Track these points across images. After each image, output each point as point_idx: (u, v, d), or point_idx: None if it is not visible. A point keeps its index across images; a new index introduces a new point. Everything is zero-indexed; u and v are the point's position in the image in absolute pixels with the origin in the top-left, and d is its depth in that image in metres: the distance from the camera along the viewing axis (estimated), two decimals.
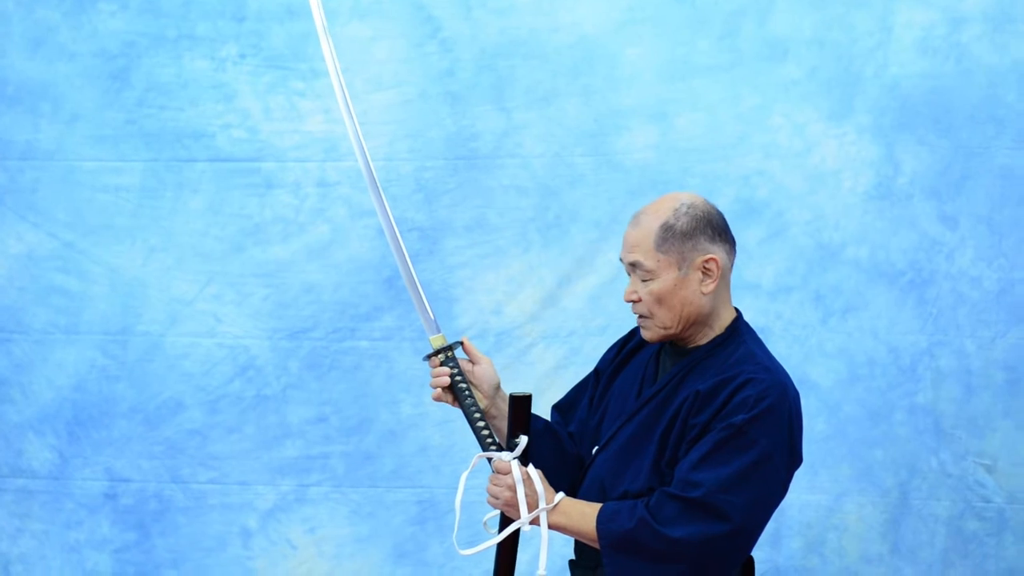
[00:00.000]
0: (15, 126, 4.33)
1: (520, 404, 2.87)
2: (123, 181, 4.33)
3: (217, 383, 4.34)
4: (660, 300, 2.82)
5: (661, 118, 4.22)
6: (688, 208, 2.83)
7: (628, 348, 3.06)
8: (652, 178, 4.20)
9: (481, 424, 2.95)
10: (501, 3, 4.23)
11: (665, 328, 2.85)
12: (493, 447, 2.92)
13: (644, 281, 2.83)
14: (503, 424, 2.99)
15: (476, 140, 4.27)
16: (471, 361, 3.00)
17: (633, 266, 2.83)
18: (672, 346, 2.93)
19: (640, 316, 2.87)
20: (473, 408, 2.96)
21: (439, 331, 3.01)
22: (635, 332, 3.07)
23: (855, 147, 4.17)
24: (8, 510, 4.38)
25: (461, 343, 3.01)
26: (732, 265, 2.90)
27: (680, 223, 2.82)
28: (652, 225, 2.82)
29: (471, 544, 2.94)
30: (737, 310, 2.93)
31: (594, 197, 4.25)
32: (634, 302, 2.86)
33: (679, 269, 2.82)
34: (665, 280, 2.82)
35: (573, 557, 3.00)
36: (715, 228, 2.84)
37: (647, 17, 4.21)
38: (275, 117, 4.30)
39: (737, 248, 2.90)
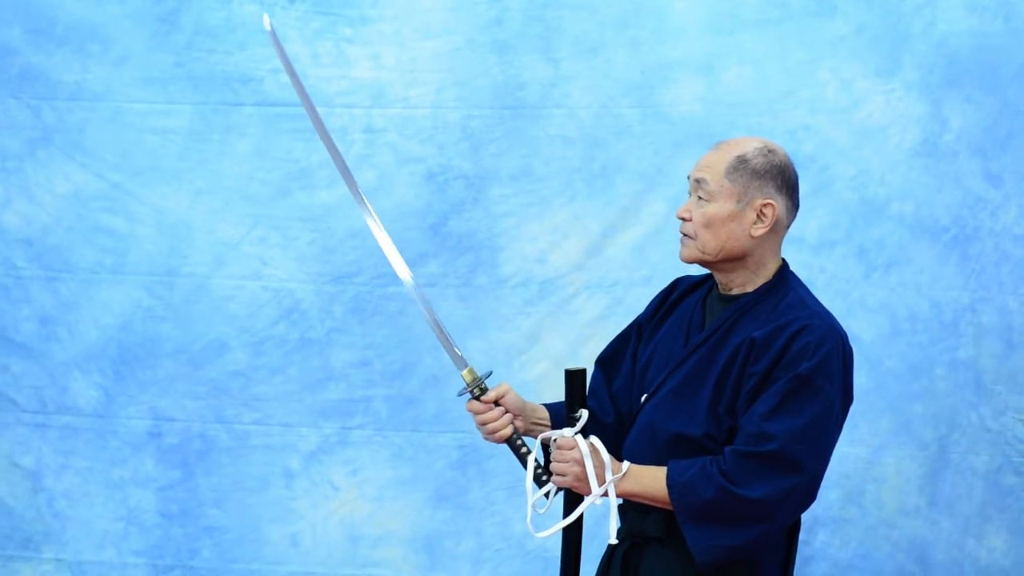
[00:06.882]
0: (64, 66, 4.33)
1: (575, 378, 2.91)
2: (171, 123, 4.33)
3: (262, 325, 4.35)
4: (708, 224, 2.85)
5: (708, 71, 4.22)
6: (768, 152, 2.87)
7: (672, 299, 3.06)
8: (698, 131, 4.19)
9: (525, 450, 2.97)
10: None
11: (702, 252, 2.87)
12: (544, 477, 2.93)
13: (700, 200, 2.87)
14: (537, 430, 3.03)
15: (523, 90, 4.27)
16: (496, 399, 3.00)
17: (698, 183, 2.87)
18: (718, 292, 2.95)
19: (684, 235, 2.91)
20: (519, 443, 2.99)
21: (468, 365, 2.99)
22: (677, 283, 3.09)
23: (902, 103, 4.17)
24: (53, 447, 4.40)
25: (490, 373, 3.01)
26: (789, 224, 2.93)
27: (755, 161, 2.86)
28: (730, 153, 2.87)
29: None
30: (784, 260, 2.94)
31: (640, 149, 4.25)
32: (684, 220, 2.90)
33: (737, 202, 2.85)
34: (721, 207, 2.85)
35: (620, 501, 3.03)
36: (785, 180, 2.88)
37: None
38: (323, 63, 4.30)
39: None
